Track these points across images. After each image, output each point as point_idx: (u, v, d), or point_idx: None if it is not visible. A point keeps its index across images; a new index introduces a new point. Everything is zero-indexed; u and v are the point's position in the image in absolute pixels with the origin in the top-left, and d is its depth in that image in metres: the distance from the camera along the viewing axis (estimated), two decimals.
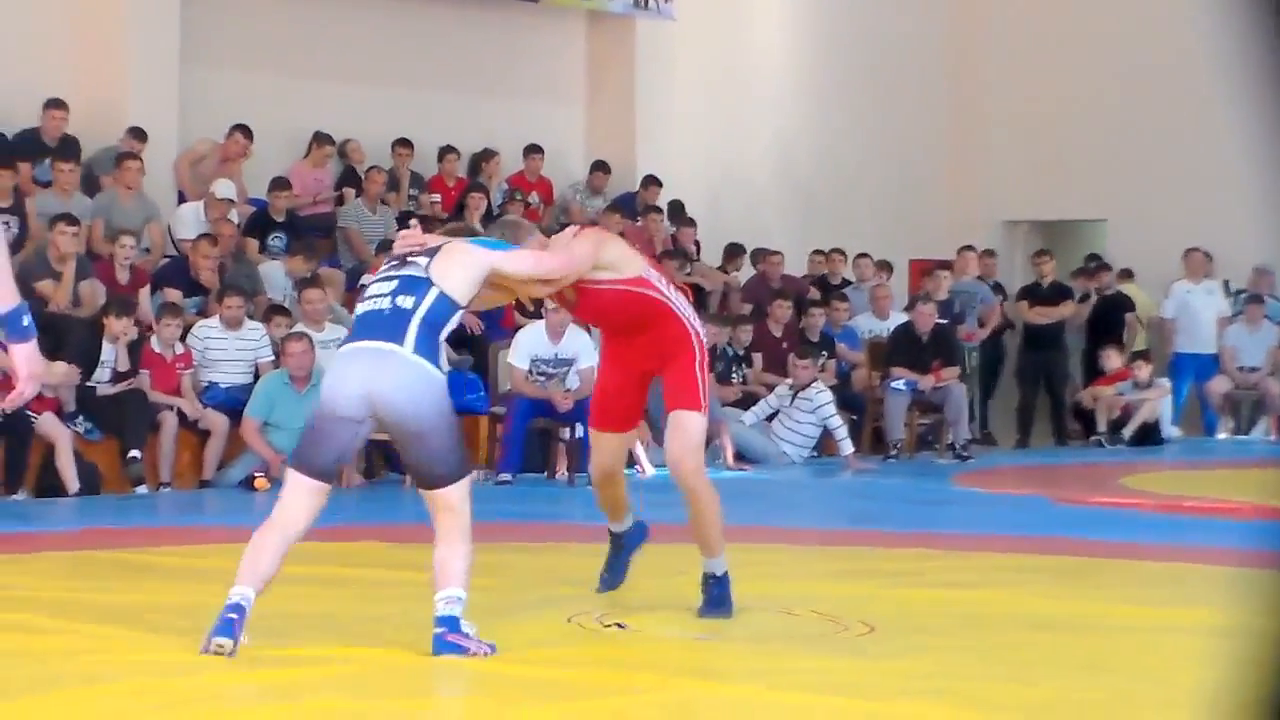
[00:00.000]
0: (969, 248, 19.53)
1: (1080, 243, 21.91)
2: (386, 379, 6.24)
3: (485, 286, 6.61)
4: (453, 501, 6.29)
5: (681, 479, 7.13)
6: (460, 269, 6.45)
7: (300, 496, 6.31)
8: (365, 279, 6.78)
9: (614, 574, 7.72)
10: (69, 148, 14.80)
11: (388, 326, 6.30)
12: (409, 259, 6.49)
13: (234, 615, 6.05)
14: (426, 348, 6.28)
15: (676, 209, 18.66)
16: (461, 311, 6.48)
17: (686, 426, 7.12)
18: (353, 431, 6.31)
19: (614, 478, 7.55)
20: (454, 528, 6.27)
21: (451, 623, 6.15)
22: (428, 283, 6.38)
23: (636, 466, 14.36)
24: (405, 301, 6.34)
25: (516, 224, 7.14)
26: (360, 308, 6.53)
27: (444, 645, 6.12)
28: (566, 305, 7.39)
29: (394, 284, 6.43)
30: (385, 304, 6.38)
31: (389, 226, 16.35)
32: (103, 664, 6.01)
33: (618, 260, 7.07)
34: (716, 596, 7.18)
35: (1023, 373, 19.32)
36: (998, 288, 19.78)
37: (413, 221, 7.09)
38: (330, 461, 6.34)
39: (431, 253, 6.49)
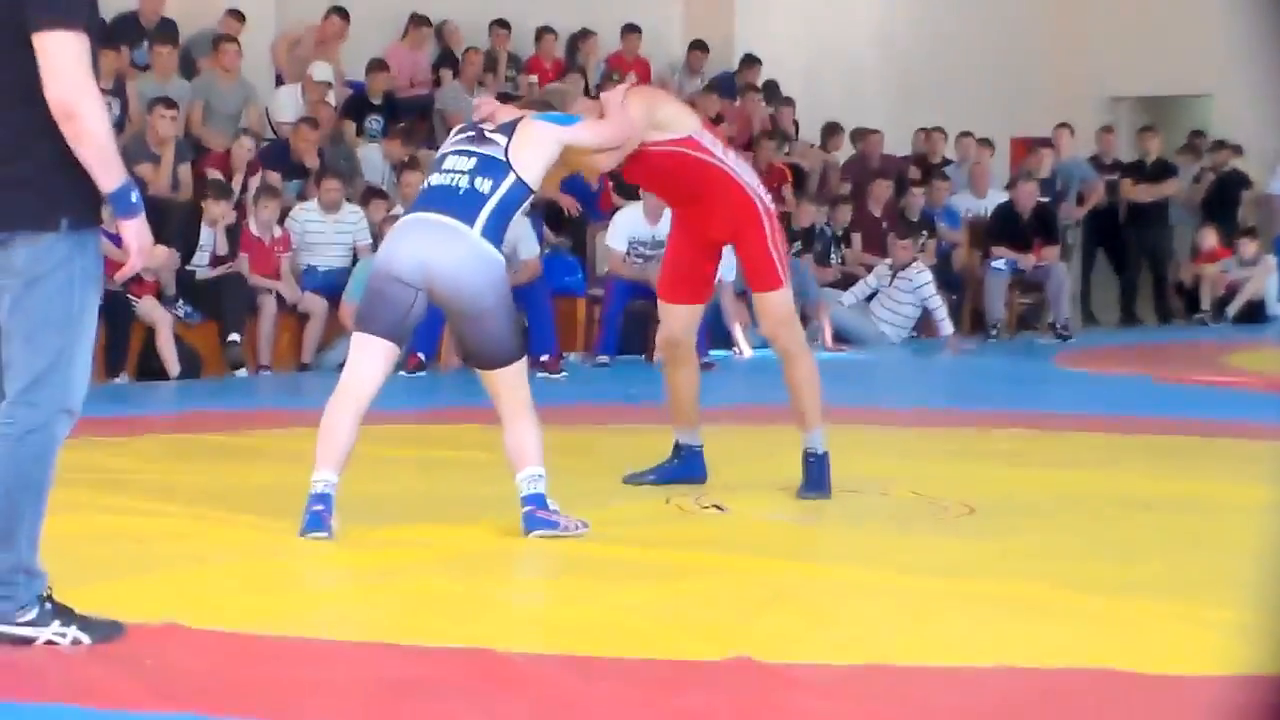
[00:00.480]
0: (1065, 125, 19.24)
1: (1186, 118, 21.57)
2: (450, 256, 6.20)
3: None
4: (510, 383, 6.27)
5: (778, 346, 7.11)
6: (536, 149, 6.40)
7: (366, 358, 6.28)
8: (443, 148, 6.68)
9: (651, 476, 7.45)
10: (167, 30, 14.80)
11: (461, 205, 6.27)
12: (487, 134, 6.44)
13: (320, 507, 6.08)
14: (494, 232, 6.26)
15: (772, 89, 18.49)
16: (532, 195, 6.44)
17: (773, 308, 7.06)
18: (409, 295, 6.24)
19: (682, 351, 7.37)
20: (518, 407, 6.26)
21: (538, 500, 6.17)
22: (506, 167, 6.34)
23: (734, 349, 14.34)
24: (483, 185, 6.30)
25: (562, 91, 6.99)
26: (434, 179, 6.44)
27: (535, 521, 6.13)
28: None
29: (472, 161, 6.38)
30: (463, 181, 6.33)
31: None
32: (204, 545, 6.07)
33: (670, 119, 6.91)
34: (816, 476, 7.12)
35: (1125, 251, 19.10)
36: (1113, 165, 19.46)
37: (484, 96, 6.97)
38: (392, 322, 6.26)
39: (509, 130, 6.44)
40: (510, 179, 6.32)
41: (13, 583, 4.54)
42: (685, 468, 7.49)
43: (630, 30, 18.13)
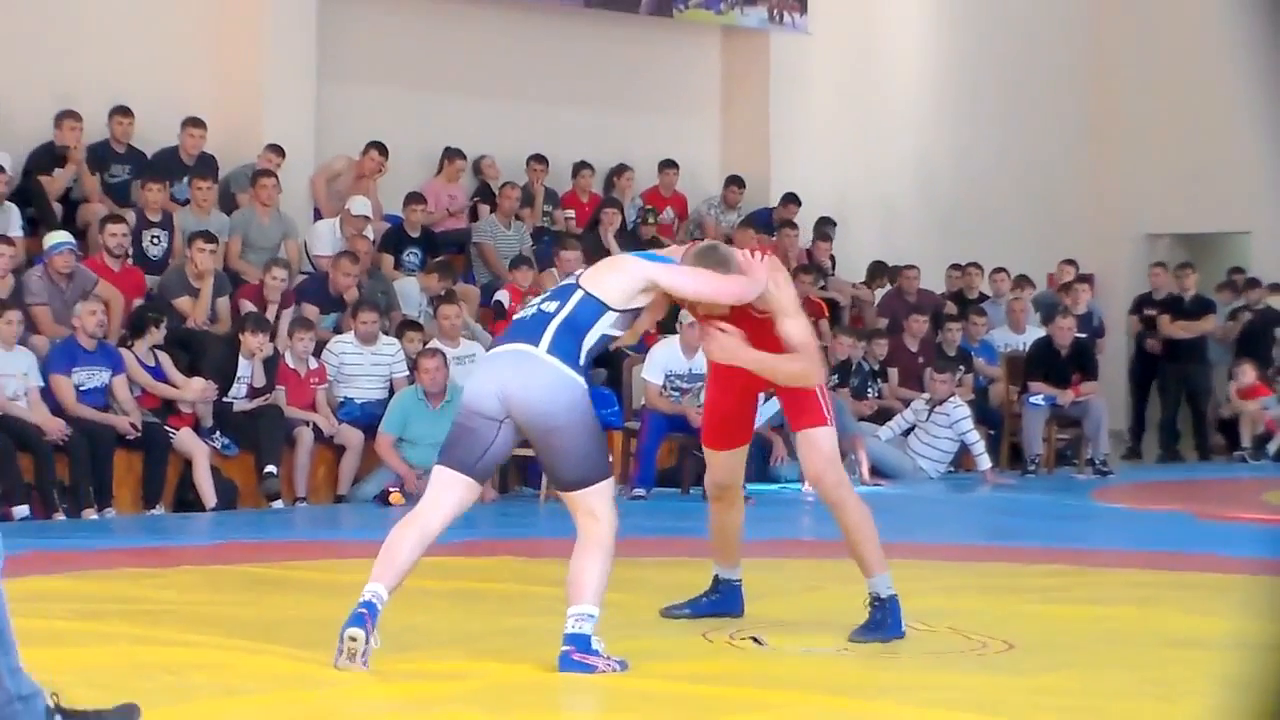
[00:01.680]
0: (1070, 262, 19.31)
1: (1223, 256, 21.57)
2: (519, 378, 6.23)
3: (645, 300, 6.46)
4: (590, 505, 6.21)
5: (825, 494, 6.98)
6: (613, 274, 6.43)
7: (443, 492, 6.30)
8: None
9: (689, 609, 7.41)
10: (207, 166, 14.94)
11: (528, 329, 6.33)
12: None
13: (364, 611, 6.08)
14: (563, 349, 6.25)
15: (823, 224, 18.50)
16: (615, 315, 6.35)
17: (818, 442, 6.96)
18: (492, 429, 6.26)
19: (731, 494, 7.36)
20: (592, 536, 6.20)
21: (580, 641, 6.09)
22: (574, 288, 6.40)
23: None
24: (549, 306, 6.37)
25: (722, 260, 6.62)
26: (515, 316, 6.57)
27: (570, 664, 6.07)
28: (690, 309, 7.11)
29: (548, 294, 6.49)
30: (531, 310, 6.43)
31: (523, 242, 16.40)
32: (238, 677, 6.03)
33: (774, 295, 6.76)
34: (878, 620, 6.94)
35: (1164, 387, 19.05)
36: (1144, 301, 19.45)
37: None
38: (473, 457, 6.27)
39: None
40: (578, 295, 6.35)
41: (12, 714, 4.53)
42: (724, 601, 7.44)
43: (667, 165, 18.25)
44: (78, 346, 12.45)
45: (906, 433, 16.03)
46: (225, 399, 13.05)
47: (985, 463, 15.69)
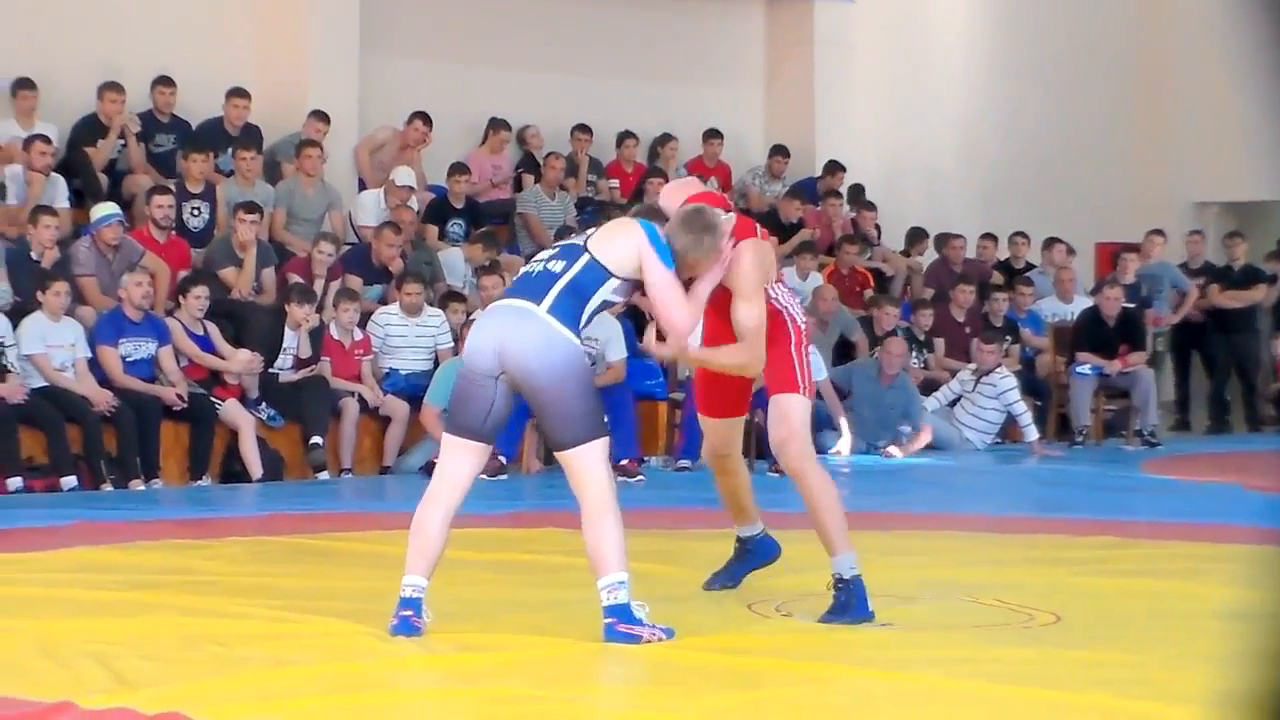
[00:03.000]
0: (1158, 231, 19.12)
1: (1273, 224, 21.42)
2: (515, 334, 6.23)
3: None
4: (584, 465, 6.21)
5: (787, 464, 6.81)
6: (620, 240, 6.41)
7: (455, 458, 6.34)
8: None
9: (725, 578, 7.40)
10: (251, 136, 14.96)
11: (533, 286, 6.33)
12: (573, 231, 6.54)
13: (409, 612, 6.16)
14: (563, 310, 6.25)
15: (856, 192, 18.50)
16: (616, 282, 6.35)
17: (787, 410, 6.79)
18: (490, 388, 6.27)
19: (728, 464, 7.30)
20: (594, 502, 6.19)
21: (620, 611, 6.10)
22: (581, 249, 6.39)
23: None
24: (555, 265, 6.37)
25: (702, 238, 6.44)
26: (521, 270, 6.57)
27: (615, 635, 6.08)
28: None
29: (555, 250, 6.50)
30: (538, 267, 6.42)
31: (567, 212, 16.39)
32: (286, 648, 6.05)
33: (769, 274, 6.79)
34: (842, 602, 6.65)
35: (1214, 358, 18.92)
36: (1200, 271, 19.28)
37: None
38: (478, 420, 6.30)
39: (596, 229, 6.56)
40: (584, 259, 6.35)
41: None
42: (754, 556, 7.44)
43: (712, 135, 18.20)
44: (124, 318, 12.49)
45: (953, 403, 15.97)
46: (271, 370, 13.08)
47: (1032, 434, 15.63)
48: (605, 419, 6.42)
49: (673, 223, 6.50)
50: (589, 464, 6.21)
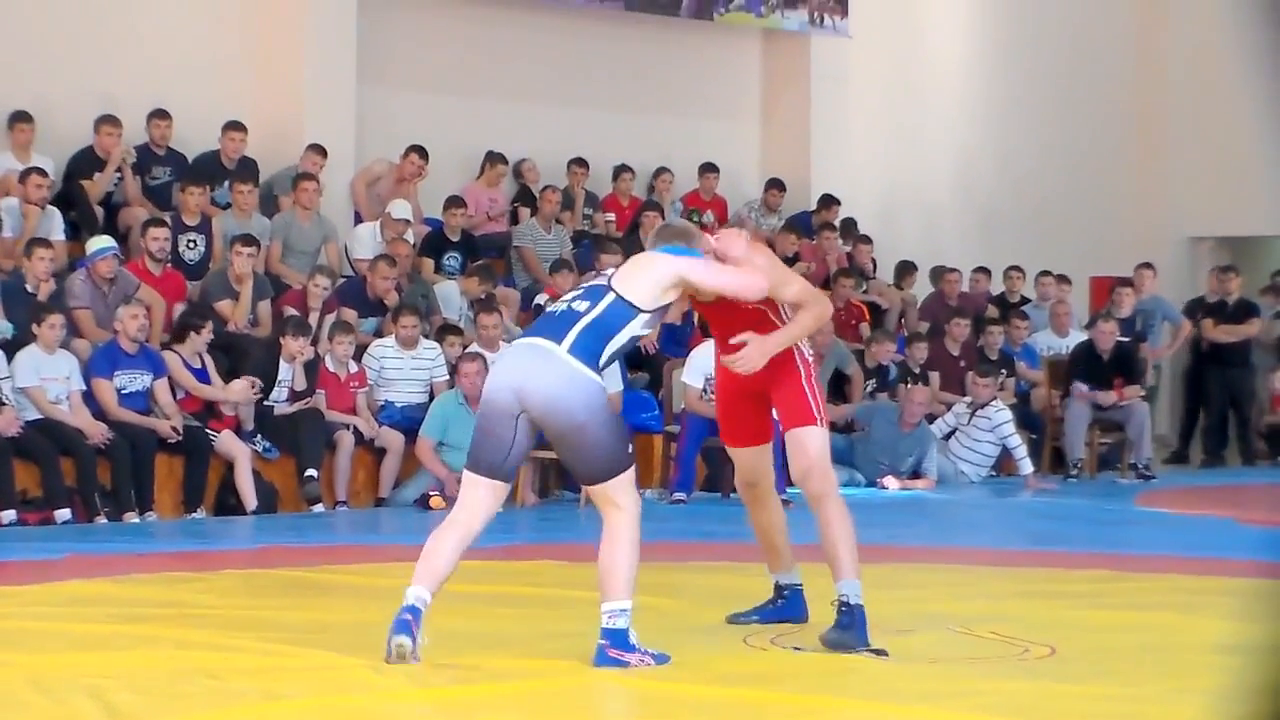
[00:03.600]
0: (1148, 265, 19.13)
1: (1267, 259, 21.45)
2: (538, 376, 6.26)
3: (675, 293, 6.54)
4: (614, 495, 6.27)
5: (809, 495, 6.91)
6: (645, 274, 6.47)
7: (475, 495, 6.38)
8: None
9: (755, 616, 7.38)
10: (247, 169, 14.98)
11: (555, 326, 6.37)
12: (597, 272, 6.56)
13: (409, 616, 6.18)
14: (584, 349, 6.28)
15: (849, 226, 18.51)
16: (645, 316, 6.41)
17: (805, 442, 6.89)
18: (510, 427, 6.30)
19: (760, 492, 7.31)
20: (618, 526, 6.25)
21: (616, 636, 6.13)
22: (606, 289, 6.43)
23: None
24: (580, 305, 6.41)
25: (687, 232, 6.81)
26: (546, 310, 6.61)
27: (605, 659, 6.11)
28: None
29: (580, 291, 6.52)
30: (562, 307, 6.46)
31: (563, 245, 16.40)
32: (279, 681, 6.04)
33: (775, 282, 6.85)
34: (844, 623, 6.75)
35: (1208, 392, 18.93)
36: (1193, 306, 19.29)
37: None
38: (498, 459, 6.34)
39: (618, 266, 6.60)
40: (609, 298, 6.39)
41: None
42: (788, 608, 7.42)
43: (708, 169, 18.23)
44: (120, 350, 12.49)
45: (948, 436, 15.98)
46: (266, 403, 13.08)
47: (1027, 467, 15.63)
48: (631, 447, 6.46)
49: (649, 240, 6.76)
50: (618, 493, 6.29)
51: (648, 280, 6.45)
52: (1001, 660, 6.69)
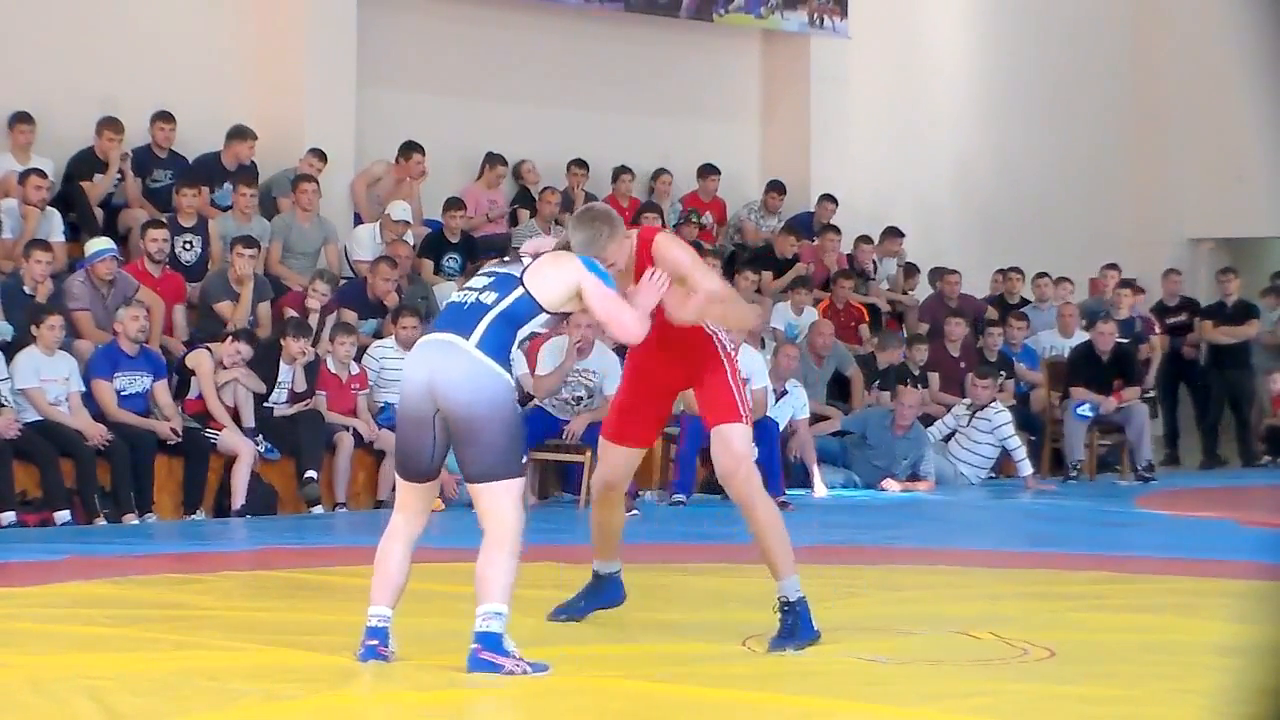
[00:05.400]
0: (1112, 266, 19.13)
1: (1267, 260, 21.45)
2: (445, 367, 6.26)
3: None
4: (494, 503, 6.23)
5: (734, 491, 6.91)
6: (554, 273, 6.45)
7: (409, 497, 6.46)
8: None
9: (573, 611, 7.34)
10: (248, 172, 14.97)
11: (463, 319, 6.35)
12: (521, 259, 6.52)
13: (375, 641, 6.28)
14: (494, 343, 6.28)
15: (829, 230, 18.37)
16: (546, 316, 6.46)
17: (731, 439, 6.89)
18: (428, 428, 6.30)
19: (615, 495, 7.31)
20: (496, 536, 6.22)
21: (488, 639, 6.12)
22: (516, 281, 6.40)
23: (811, 488, 14.29)
24: (488, 297, 6.38)
25: (609, 217, 6.75)
26: (452, 298, 6.56)
27: (478, 663, 6.10)
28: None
29: (489, 280, 6.48)
30: (471, 297, 6.42)
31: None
32: (279, 682, 6.03)
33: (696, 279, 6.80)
34: (788, 626, 6.78)
35: (1207, 392, 18.93)
36: (1180, 307, 19.32)
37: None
38: (425, 462, 6.36)
39: (530, 260, 6.53)
40: (518, 292, 6.38)
41: None
42: (604, 594, 7.40)
43: (707, 170, 18.22)
44: (120, 352, 12.49)
45: (947, 438, 15.97)
46: (266, 404, 13.07)
47: (1027, 468, 15.64)
48: (525, 459, 6.42)
49: (569, 227, 6.72)
50: (500, 501, 6.24)
51: (556, 281, 6.42)
52: (1002, 662, 6.69)
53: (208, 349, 12.86)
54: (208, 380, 12.72)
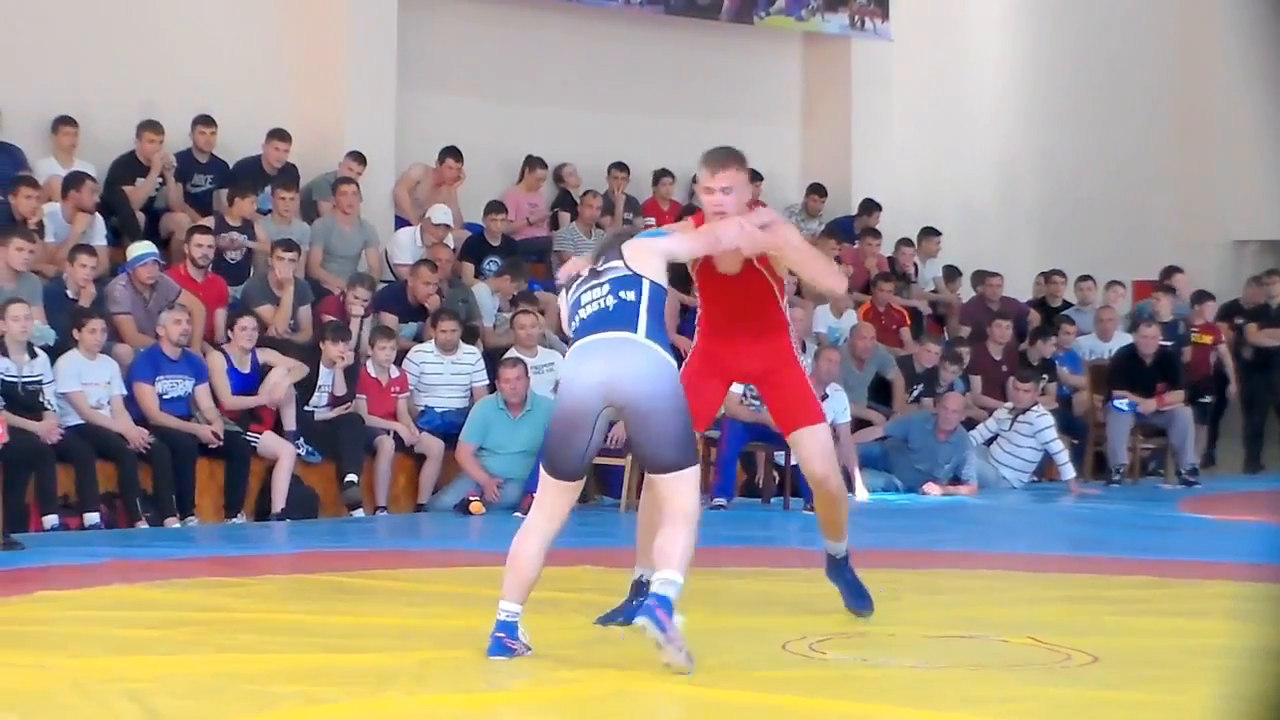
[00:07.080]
0: (1176, 269, 19.03)
1: None
2: (624, 363, 6.34)
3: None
4: (682, 488, 6.33)
5: (828, 493, 7.28)
6: (649, 257, 6.59)
7: (553, 496, 6.50)
8: (562, 298, 6.82)
9: (625, 616, 7.13)
10: (289, 175, 15.00)
11: (618, 318, 6.43)
12: (599, 269, 6.58)
13: (502, 634, 6.38)
14: (656, 333, 6.41)
15: (870, 234, 18.34)
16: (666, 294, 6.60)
17: (823, 442, 7.22)
18: (589, 425, 6.38)
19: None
20: (678, 518, 6.30)
21: (663, 600, 6.14)
22: (637, 277, 6.50)
23: (853, 491, 14.26)
24: (628, 295, 6.47)
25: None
26: (582, 314, 6.55)
27: (648, 610, 6.10)
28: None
29: (605, 286, 6.53)
30: (609, 301, 6.48)
31: None
32: (320, 686, 6.03)
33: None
34: (851, 581, 7.47)
35: (1250, 395, 18.81)
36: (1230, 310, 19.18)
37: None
38: (578, 460, 6.43)
39: (615, 255, 6.58)
40: (646, 284, 6.49)
41: None
42: (640, 608, 7.35)
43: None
44: (162, 355, 12.52)
45: (989, 442, 15.92)
46: (306, 407, 13.09)
47: (1069, 472, 15.57)
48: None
49: (606, 241, 6.90)
50: (682, 487, 6.34)
51: (656, 261, 6.59)
52: (1044, 667, 6.65)
53: (221, 349, 12.91)
54: (220, 377, 12.76)
